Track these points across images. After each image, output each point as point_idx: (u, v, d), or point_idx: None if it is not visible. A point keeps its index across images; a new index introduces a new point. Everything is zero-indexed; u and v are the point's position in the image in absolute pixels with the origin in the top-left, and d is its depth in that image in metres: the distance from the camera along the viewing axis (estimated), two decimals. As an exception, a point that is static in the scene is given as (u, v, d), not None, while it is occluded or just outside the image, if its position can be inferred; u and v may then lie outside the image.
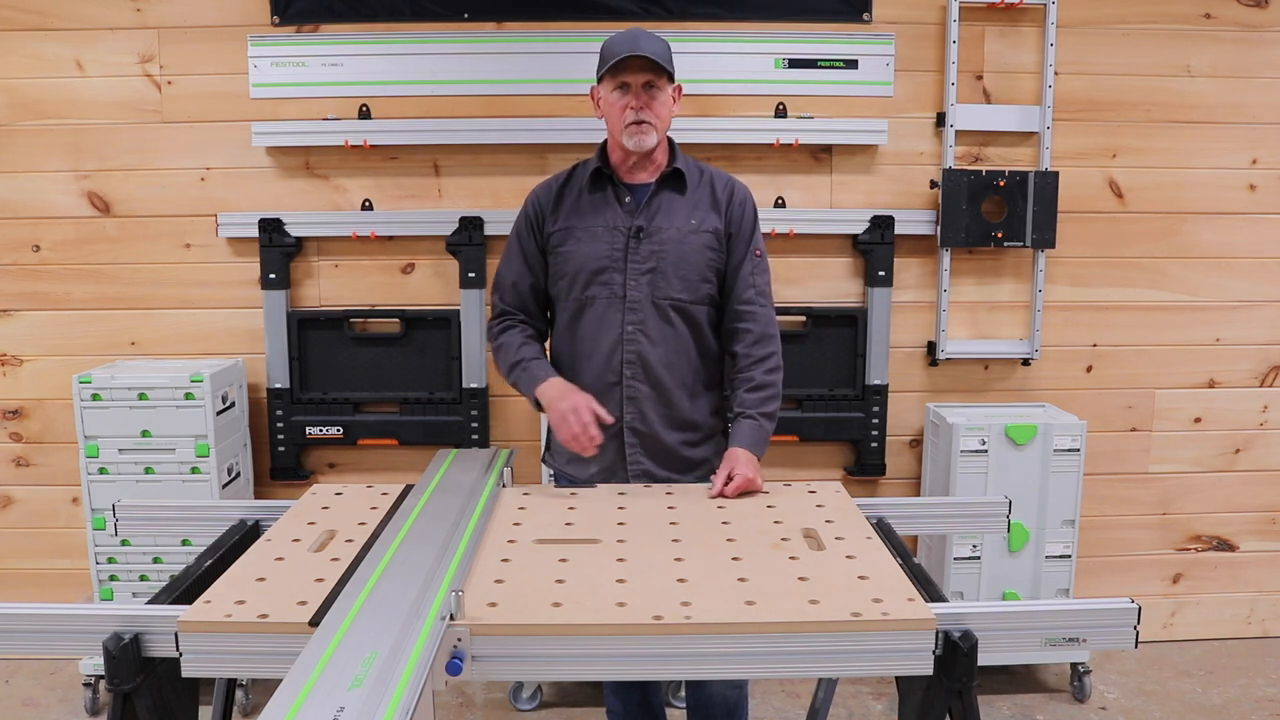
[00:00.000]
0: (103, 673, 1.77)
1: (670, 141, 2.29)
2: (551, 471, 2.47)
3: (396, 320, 3.33)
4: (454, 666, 1.41)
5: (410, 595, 1.49)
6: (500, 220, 3.24)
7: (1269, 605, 3.65)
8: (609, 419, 2.16)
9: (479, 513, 1.90)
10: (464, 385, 3.33)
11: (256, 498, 3.32)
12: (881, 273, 3.32)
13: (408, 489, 2.10)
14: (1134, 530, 3.57)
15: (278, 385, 3.32)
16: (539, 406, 2.25)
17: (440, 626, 1.39)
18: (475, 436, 3.33)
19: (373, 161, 3.29)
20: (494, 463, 2.25)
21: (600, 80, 2.21)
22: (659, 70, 2.14)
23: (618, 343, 2.23)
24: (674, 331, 2.24)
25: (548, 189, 2.35)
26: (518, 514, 1.96)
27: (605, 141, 2.29)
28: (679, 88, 2.25)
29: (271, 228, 3.25)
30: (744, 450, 2.16)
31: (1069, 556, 3.19)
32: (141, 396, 2.99)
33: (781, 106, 3.27)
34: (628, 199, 2.25)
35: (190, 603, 1.54)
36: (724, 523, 1.92)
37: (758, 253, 2.29)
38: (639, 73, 2.14)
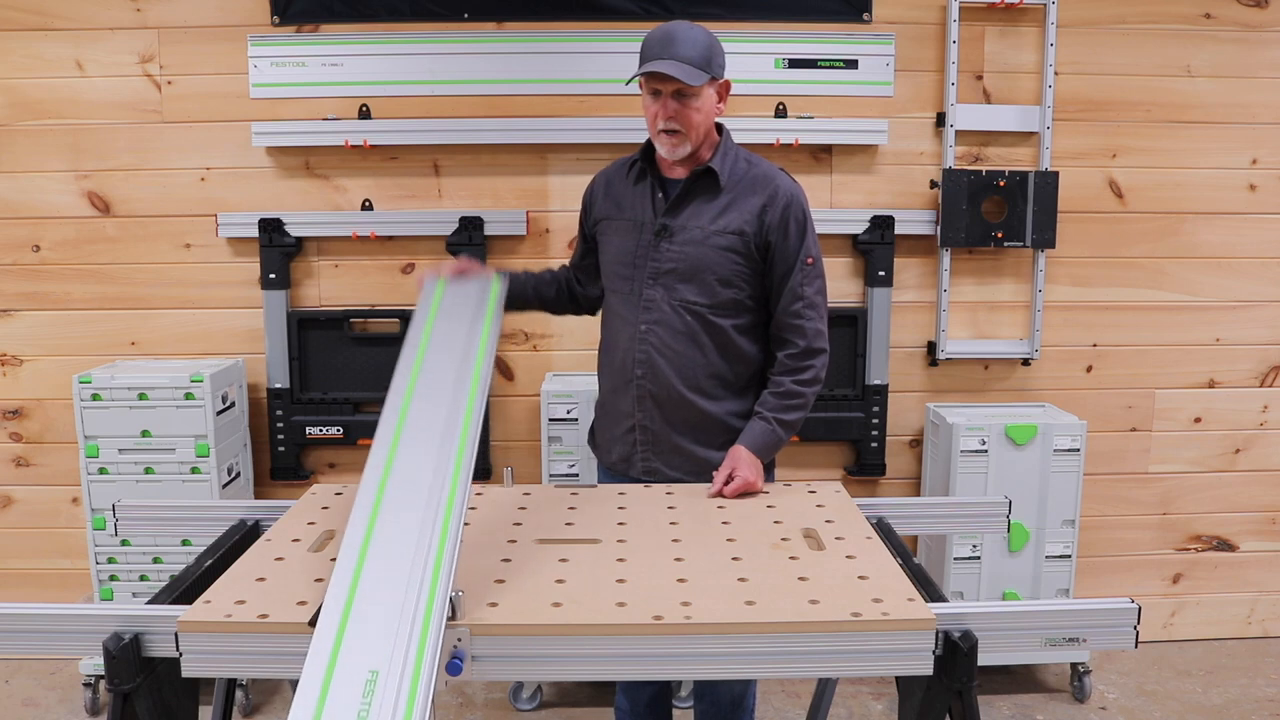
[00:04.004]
0: (103, 673, 1.78)
1: (722, 133, 2.22)
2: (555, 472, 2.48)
3: (396, 320, 3.33)
4: (454, 666, 1.41)
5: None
6: (500, 220, 3.25)
7: (1269, 605, 3.65)
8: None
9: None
10: (464, 385, 3.33)
11: (256, 498, 3.32)
12: (881, 273, 3.32)
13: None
14: (1134, 530, 3.57)
15: (278, 385, 3.32)
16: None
17: (439, 631, 1.38)
18: (475, 436, 3.33)
19: (373, 161, 3.29)
20: (487, 298, 2.15)
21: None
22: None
23: (632, 341, 2.21)
24: (690, 334, 2.18)
25: (605, 174, 2.34)
26: (518, 514, 1.96)
27: None
28: (726, 84, 2.17)
29: (271, 228, 3.25)
30: (747, 451, 2.14)
31: (1069, 556, 3.19)
32: (141, 396, 2.99)
33: (781, 106, 3.27)
34: (659, 195, 2.21)
35: (190, 603, 1.53)
36: (724, 523, 1.91)
37: (809, 260, 2.18)
38: (669, 80, 2.06)
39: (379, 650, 1.32)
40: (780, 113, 3.27)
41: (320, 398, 3.34)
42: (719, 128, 2.24)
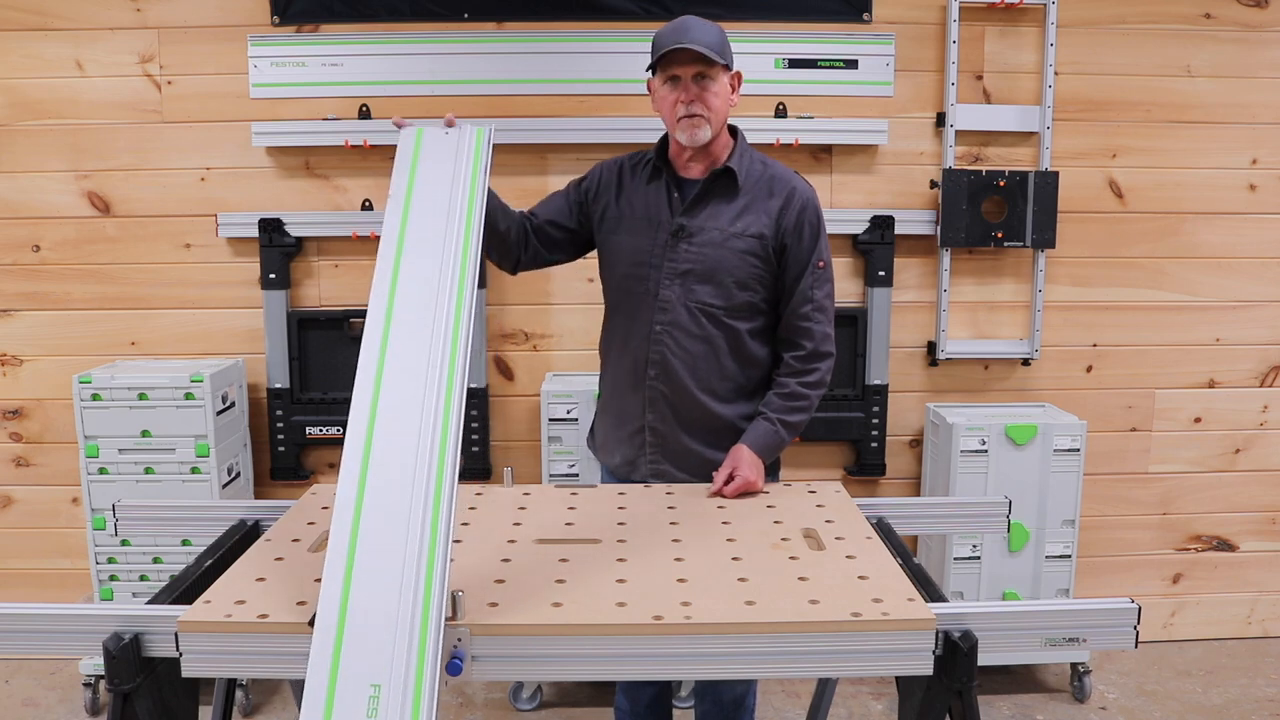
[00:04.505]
0: (103, 673, 1.78)
1: (735, 134, 2.22)
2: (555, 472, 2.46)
3: (396, 320, 3.33)
4: (454, 666, 1.41)
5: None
6: (500, 220, 3.24)
7: (1269, 605, 3.65)
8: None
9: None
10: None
11: (256, 498, 3.32)
12: (881, 273, 3.32)
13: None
14: (1134, 530, 3.57)
15: (278, 385, 3.32)
16: None
17: (437, 638, 1.38)
18: (475, 437, 3.33)
19: (373, 161, 3.29)
20: (471, 153, 1.99)
21: (653, 73, 2.13)
22: (709, 60, 2.06)
23: (645, 341, 2.20)
24: (705, 336, 2.18)
25: (615, 167, 2.28)
26: (518, 514, 1.96)
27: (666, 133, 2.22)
28: (738, 75, 2.17)
29: (271, 228, 3.25)
30: (749, 451, 2.13)
31: (1069, 556, 3.19)
32: (141, 396, 2.99)
33: (781, 106, 3.27)
34: (675, 195, 2.20)
35: (190, 603, 1.53)
36: (724, 523, 1.91)
37: (820, 264, 2.19)
38: (688, 64, 2.06)
39: (379, 658, 1.32)
40: (780, 113, 3.27)
41: (320, 398, 3.34)
42: (733, 131, 2.24)
